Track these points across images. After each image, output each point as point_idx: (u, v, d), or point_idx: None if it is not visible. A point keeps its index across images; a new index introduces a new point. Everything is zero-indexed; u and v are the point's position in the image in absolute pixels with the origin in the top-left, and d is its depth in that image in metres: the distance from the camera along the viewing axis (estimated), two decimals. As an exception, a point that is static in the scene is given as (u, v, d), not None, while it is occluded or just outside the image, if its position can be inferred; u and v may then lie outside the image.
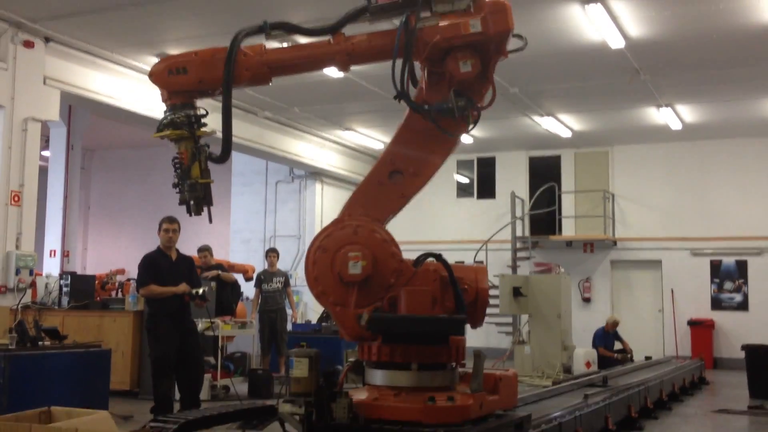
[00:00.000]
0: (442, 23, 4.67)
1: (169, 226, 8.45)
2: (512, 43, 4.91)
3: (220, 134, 4.90)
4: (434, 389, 4.58)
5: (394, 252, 4.76)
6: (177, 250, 8.67)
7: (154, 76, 5.01)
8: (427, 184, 5.07)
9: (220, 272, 12.36)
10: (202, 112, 5.03)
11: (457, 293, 4.68)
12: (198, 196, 4.88)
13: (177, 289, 8.31)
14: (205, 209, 4.99)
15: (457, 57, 4.62)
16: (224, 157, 4.88)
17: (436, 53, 4.71)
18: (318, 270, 4.80)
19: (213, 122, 5.07)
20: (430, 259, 4.88)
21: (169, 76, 4.91)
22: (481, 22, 4.60)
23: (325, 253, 4.78)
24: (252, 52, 4.95)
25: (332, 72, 13.53)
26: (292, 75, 5.39)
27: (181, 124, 4.85)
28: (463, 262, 5.14)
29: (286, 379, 4.82)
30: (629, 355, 14.93)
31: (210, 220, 5.03)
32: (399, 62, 4.72)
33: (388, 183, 4.91)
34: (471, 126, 4.83)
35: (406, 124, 5.00)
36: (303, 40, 5.19)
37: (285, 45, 5.76)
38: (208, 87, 4.92)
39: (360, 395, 4.63)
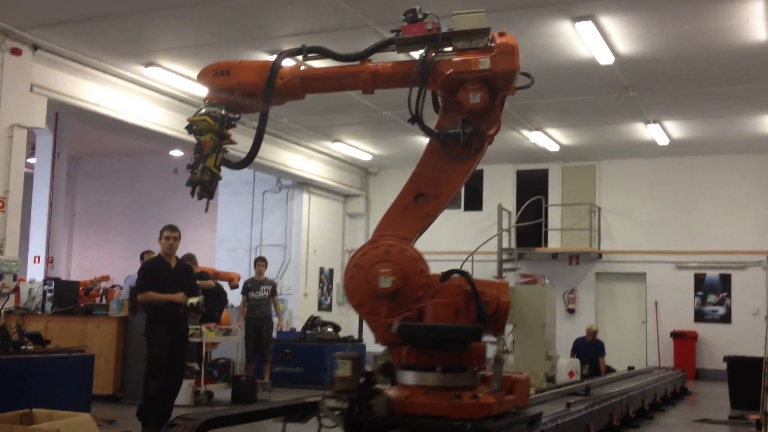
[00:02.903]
0: (457, 59, 5.21)
1: (170, 234, 8.65)
2: (520, 80, 5.42)
3: (236, 148, 5.73)
4: (458, 389, 5.04)
5: (421, 269, 5.22)
6: (177, 258, 8.87)
7: (202, 75, 5.68)
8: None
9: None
10: (236, 116, 5.66)
11: (479, 306, 5.11)
12: (206, 181, 5.39)
13: (174, 297, 8.50)
14: (204, 199, 5.47)
15: (468, 89, 5.15)
16: (248, 161, 5.65)
17: (449, 84, 5.23)
18: (354, 284, 5.32)
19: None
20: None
21: (214, 77, 5.63)
22: (490, 61, 5.12)
23: (360, 270, 5.29)
24: (288, 68, 5.65)
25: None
26: (320, 92, 5.99)
27: (215, 118, 5.47)
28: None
29: (330, 378, 5.51)
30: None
31: (206, 210, 5.71)
32: (416, 90, 5.23)
33: (413, 206, 5.44)
34: (473, 152, 5.30)
35: (428, 150, 5.53)
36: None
37: None
38: (244, 88, 5.55)
39: (393, 393, 5.11)
